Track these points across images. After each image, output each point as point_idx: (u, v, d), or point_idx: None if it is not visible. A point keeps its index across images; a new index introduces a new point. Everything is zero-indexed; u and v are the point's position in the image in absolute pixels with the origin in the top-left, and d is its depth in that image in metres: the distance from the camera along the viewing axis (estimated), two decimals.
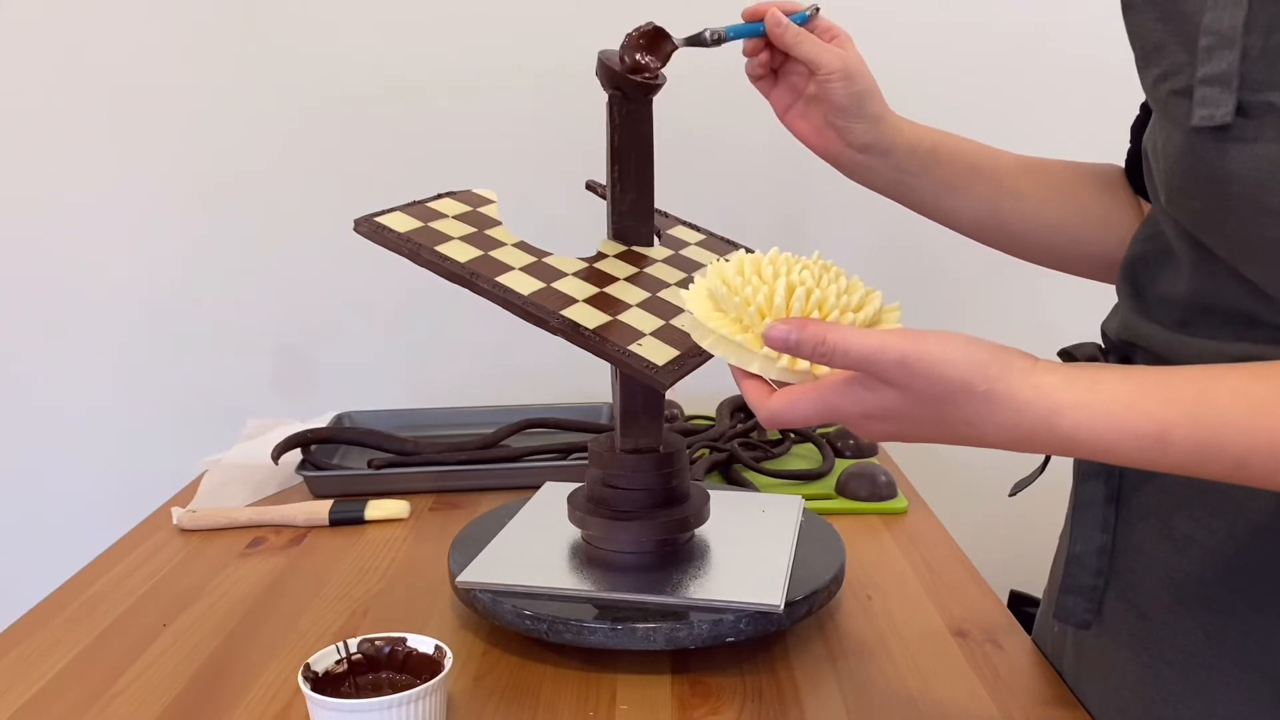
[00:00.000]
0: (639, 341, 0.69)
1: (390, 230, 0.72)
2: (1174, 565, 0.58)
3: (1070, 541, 0.64)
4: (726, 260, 0.58)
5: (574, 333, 0.68)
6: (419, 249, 0.71)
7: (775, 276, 0.55)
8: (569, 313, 0.69)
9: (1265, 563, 0.53)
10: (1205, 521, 0.56)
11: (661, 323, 0.72)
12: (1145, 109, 0.70)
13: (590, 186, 0.89)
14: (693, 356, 0.69)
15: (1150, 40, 0.54)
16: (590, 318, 0.70)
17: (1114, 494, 0.62)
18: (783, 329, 0.50)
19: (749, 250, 0.87)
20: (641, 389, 0.76)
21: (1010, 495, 0.72)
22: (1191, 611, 0.57)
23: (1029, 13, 1.37)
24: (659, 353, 0.68)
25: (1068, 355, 0.67)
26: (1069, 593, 0.65)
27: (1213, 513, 0.56)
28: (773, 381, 0.54)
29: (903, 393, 0.48)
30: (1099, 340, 0.67)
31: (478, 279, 0.70)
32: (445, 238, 0.73)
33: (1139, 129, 0.72)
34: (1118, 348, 0.64)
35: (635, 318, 0.71)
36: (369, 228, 0.72)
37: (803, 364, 0.53)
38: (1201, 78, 0.49)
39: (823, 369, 0.52)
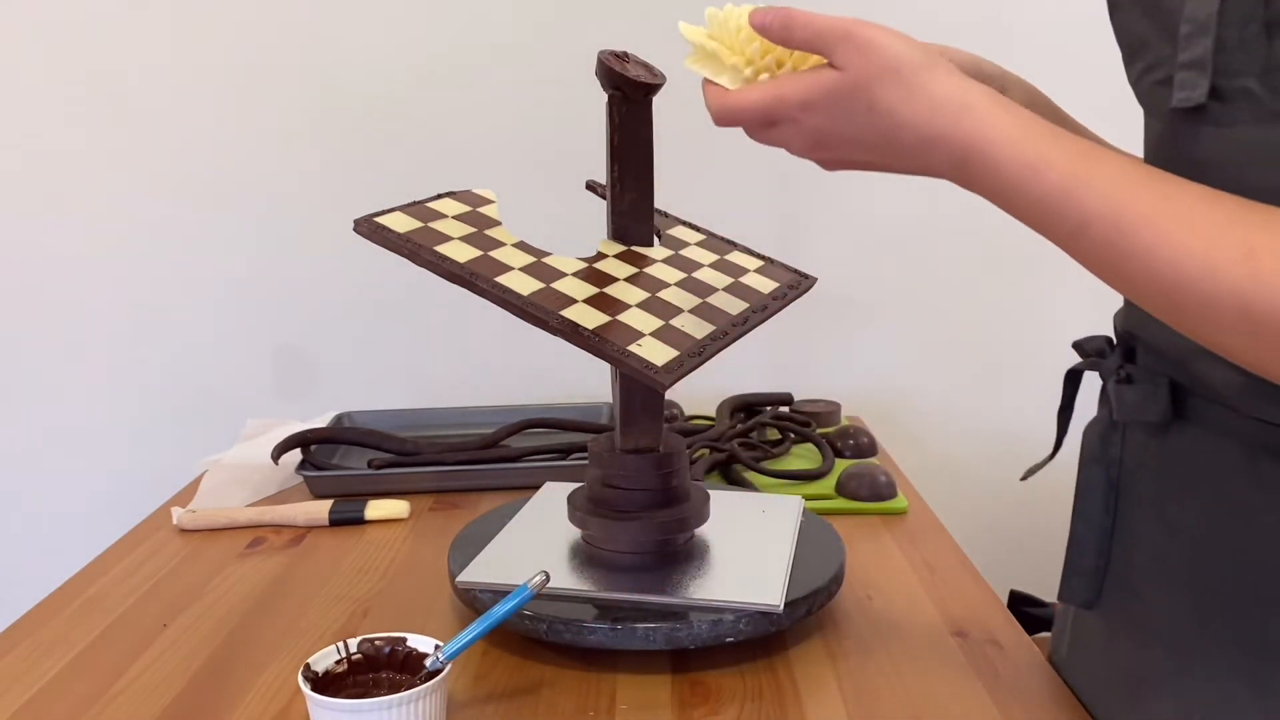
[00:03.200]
0: (639, 342, 0.69)
1: (390, 230, 0.72)
2: (1164, 548, 0.60)
3: (1073, 524, 0.66)
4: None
5: (574, 333, 0.68)
6: (418, 249, 0.71)
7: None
8: (568, 313, 0.69)
9: (1247, 546, 0.55)
10: (1191, 506, 0.58)
11: (661, 323, 0.72)
12: None
13: (590, 186, 0.89)
14: (693, 356, 0.69)
15: (1135, 36, 0.57)
16: (590, 318, 0.69)
17: (1114, 481, 0.64)
18: (761, 12, 0.56)
19: (748, 250, 0.88)
20: (641, 389, 0.76)
21: (1021, 480, 0.72)
22: (1179, 591, 0.59)
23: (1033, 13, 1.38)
24: (659, 353, 0.68)
25: (1079, 348, 0.68)
26: (1073, 574, 0.67)
27: (1200, 498, 0.57)
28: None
29: (841, 74, 0.53)
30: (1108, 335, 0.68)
31: (477, 279, 0.70)
32: (445, 238, 0.73)
33: None
34: (1122, 339, 0.65)
35: (635, 318, 0.71)
36: (369, 228, 0.72)
37: (765, 79, 0.58)
38: (1181, 63, 0.51)
39: None
